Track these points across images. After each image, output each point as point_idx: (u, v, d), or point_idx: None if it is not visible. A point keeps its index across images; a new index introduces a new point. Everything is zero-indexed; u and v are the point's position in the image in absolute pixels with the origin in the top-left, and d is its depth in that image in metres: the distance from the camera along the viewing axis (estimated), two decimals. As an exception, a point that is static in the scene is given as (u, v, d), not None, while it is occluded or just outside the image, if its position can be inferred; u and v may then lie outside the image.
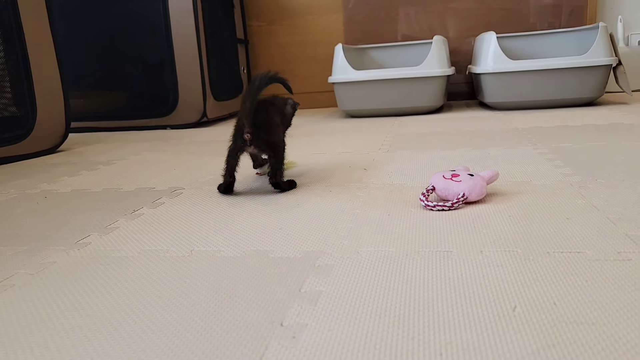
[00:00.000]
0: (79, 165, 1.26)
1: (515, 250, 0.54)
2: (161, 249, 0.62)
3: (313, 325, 0.42)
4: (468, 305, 0.43)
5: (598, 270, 0.48)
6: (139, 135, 1.81)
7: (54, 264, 0.60)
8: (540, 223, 0.62)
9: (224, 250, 0.60)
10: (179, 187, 0.94)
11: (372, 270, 0.52)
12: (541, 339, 0.38)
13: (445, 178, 0.72)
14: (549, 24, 2.14)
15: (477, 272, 0.50)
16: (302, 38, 2.37)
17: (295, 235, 0.64)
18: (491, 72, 1.77)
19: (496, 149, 1.11)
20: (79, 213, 0.81)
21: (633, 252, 0.52)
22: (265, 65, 2.42)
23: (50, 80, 1.49)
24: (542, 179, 0.83)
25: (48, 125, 1.48)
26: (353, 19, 2.30)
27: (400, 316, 0.42)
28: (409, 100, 1.85)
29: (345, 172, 0.97)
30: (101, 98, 2.01)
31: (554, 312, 0.41)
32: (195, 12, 1.84)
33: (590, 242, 0.55)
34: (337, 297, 0.46)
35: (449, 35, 2.21)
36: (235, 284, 0.51)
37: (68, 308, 0.48)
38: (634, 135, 1.17)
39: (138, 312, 0.46)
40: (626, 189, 0.74)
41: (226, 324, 0.43)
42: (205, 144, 1.49)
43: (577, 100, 1.75)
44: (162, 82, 1.91)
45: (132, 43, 1.92)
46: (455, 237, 0.59)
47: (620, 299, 0.43)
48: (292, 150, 1.27)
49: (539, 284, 0.46)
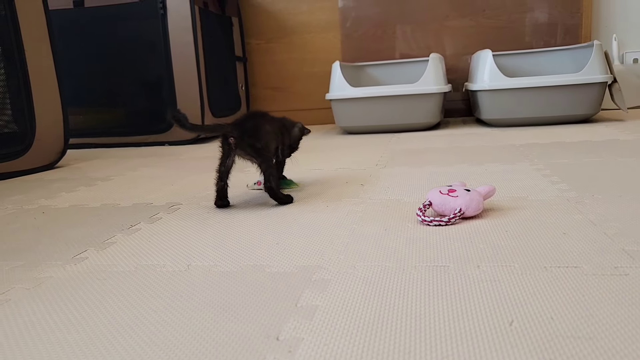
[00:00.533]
0: (77, 181, 1.27)
1: (513, 265, 0.54)
2: (158, 264, 0.62)
3: (309, 339, 0.41)
4: (465, 320, 0.43)
5: (595, 285, 0.48)
6: (137, 152, 1.81)
7: (51, 278, 0.60)
8: (537, 238, 0.62)
9: (221, 265, 0.60)
10: (176, 202, 0.94)
11: (369, 285, 0.51)
12: (538, 353, 0.37)
13: (442, 193, 0.73)
14: (544, 42, 2.17)
15: (474, 287, 0.50)
16: (300, 56, 2.39)
17: (291, 250, 0.64)
18: (487, 89, 1.79)
19: (493, 165, 1.12)
20: (76, 228, 0.81)
21: (630, 267, 0.52)
22: (263, 83, 2.44)
23: (50, 97, 1.50)
24: (539, 195, 0.83)
25: (47, 141, 1.49)
26: (350, 37, 2.33)
27: (397, 331, 0.42)
28: (405, 117, 1.86)
29: (343, 187, 0.98)
30: (100, 115, 2.02)
31: (551, 326, 0.41)
32: (194, 31, 1.86)
33: (587, 257, 0.55)
34: (333, 312, 0.46)
35: (446, 53, 2.23)
36: (232, 298, 0.51)
37: (64, 323, 0.48)
38: (630, 151, 1.18)
39: (134, 326, 0.46)
40: (623, 205, 0.74)
41: (222, 339, 0.43)
42: (202, 160, 1.49)
43: (573, 117, 1.77)
44: (161, 99, 1.92)
45: (131, 60, 1.94)
46: (452, 252, 0.60)
47: (617, 314, 0.43)
48: (289, 166, 1.27)
49: (536, 298, 0.46)
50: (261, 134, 0.85)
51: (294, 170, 1.19)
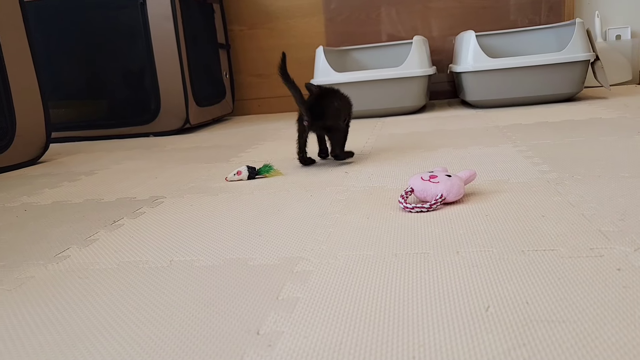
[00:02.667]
0: (60, 176, 1.25)
1: (491, 250, 0.55)
2: (140, 260, 0.62)
3: (289, 332, 0.42)
4: (442, 307, 0.44)
5: (570, 268, 0.49)
6: (121, 144, 1.80)
7: (32, 278, 0.59)
8: (516, 222, 0.63)
9: (203, 259, 0.60)
10: (160, 196, 0.94)
11: (350, 275, 0.52)
12: (512, 338, 0.38)
13: (424, 180, 0.73)
14: (529, 20, 2.17)
15: (453, 273, 0.50)
16: (284, 41, 2.37)
17: (274, 242, 0.64)
18: (471, 71, 1.79)
19: (476, 148, 1.12)
20: (59, 226, 0.81)
21: (605, 248, 0.53)
22: (248, 70, 2.42)
23: (29, 90, 1.48)
24: (520, 177, 0.84)
25: (28, 136, 1.47)
26: (334, 21, 2.31)
27: (376, 320, 0.43)
28: (391, 101, 1.86)
29: (326, 175, 0.98)
30: (82, 107, 2.00)
31: (526, 311, 0.42)
32: (175, 18, 1.84)
33: (564, 240, 0.56)
34: (314, 304, 0.46)
35: (432, 35, 2.22)
36: (213, 293, 0.51)
37: (45, 324, 0.48)
38: (612, 129, 1.19)
39: (115, 325, 0.46)
40: (601, 185, 0.75)
41: (203, 335, 0.43)
42: (188, 151, 1.48)
43: (556, 96, 1.77)
44: (144, 89, 1.90)
45: (111, 50, 1.91)
46: (432, 238, 0.60)
47: (591, 296, 0.43)
48: (273, 154, 1.27)
49: (512, 283, 0.47)
50: (329, 113, 1.02)
51: (278, 158, 1.19)
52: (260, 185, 0.95)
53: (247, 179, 0.99)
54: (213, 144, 1.60)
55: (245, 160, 1.22)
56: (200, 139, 1.75)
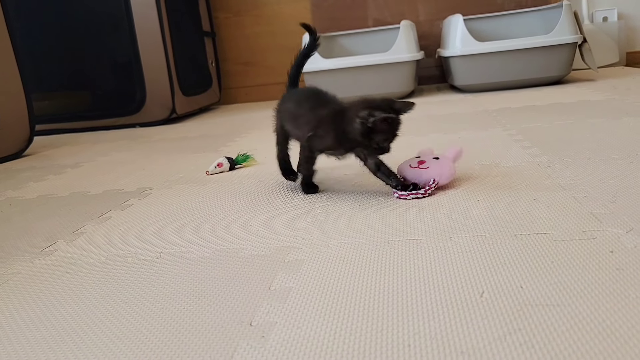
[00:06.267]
0: (45, 169, 1.23)
1: (484, 235, 0.55)
2: (129, 253, 0.61)
3: (282, 323, 0.41)
4: (436, 294, 0.43)
5: (563, 251, 0.49)
6: (107, 135, 1.77)
7: (19, 274, 0.58)
8: (507, 206, 0.63)
9: (194, 250, 0.59)
10: (147, 187, 0.93)
11: (342, 263, 0.51)
12: (507, 323, 0.38)
13: (412, 167, 0.72)
14: (516, 3, 2.16)
15: (446, 259, 0.50)
16: (270, 28, 2.34)
17: (266, 232, 0.63)
18: (459, 55, 1.78)
19: (466, 132, 1.12)
20: (45, 220, 0.79)
21: (597, 231, 0.53)
22: (234, 58, 2.38)
23: (11, 83, 1.44)
24: (511, 161, 0.84)
25: (11, 129, 1.44)
26: (320, 6, 2.28)
27: (369, 309, 0.42)
28: (379, 86, 1.84)
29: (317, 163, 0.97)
30: (66, 99, 1.96)
31: (520, 295, 0.42)
32: (158, 6, 1.80)
33: (556, 223, 0.56)
34: (306, 293, 0.46)
35: (419, 19, 2.20)
36: (205, 285, 0.50)
37: (32, 320, 0.47)
38: (600, 111, 1.19)
39: (105, 319, 0.45)
40: (592, 167, 0.75)
41: (195, 327, 0.42)
42: (175, 141, 1.46)
43: (545, 79, 1.77)
44: (129, 80, 1.87)
45: (94, 40, 1.87)
46: (425, 224, 0.60)
47: (584, 279, 0.43)
48: (261, 143, 1.26)
49: (506, 268, 0.47)
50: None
51: (267, 148, 1.18)
52: (249, 174, 0.94)
53: (229, 170, 0.98)
54: (200, 133, 1.58)
55: (233, 150, 1.21)
56: (187, 128, 1.73)
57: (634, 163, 0.75)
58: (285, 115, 0.80)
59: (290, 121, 0.79)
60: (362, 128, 0.66)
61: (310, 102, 0.76)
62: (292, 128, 0.79)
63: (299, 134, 0.77)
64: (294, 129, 0.79)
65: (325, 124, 0.71)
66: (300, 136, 0.76)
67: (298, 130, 0.77)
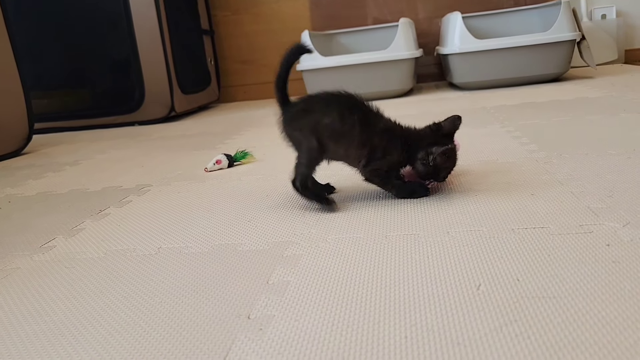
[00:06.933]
0: (44, 167, 1.23)
1: (481, 229, 0.55)
2: (128, 249, 0.61)
3: (280, 316, 0.42)
4: (433, 287, 0.44)
5: (560, 245, 0.49)
6: (106, 134, 1.77)
7: (18, 269, 0.58)
8: (505, 201, 0.63)
9: (192, 246, 0.60)
10: (146, 184, 0.93)
11: (340, 258, 0.52)
12: (504, 315, 0.38)
13: (412, 162, 0.72)
14: (514, 1, 2.16)
15: (444, 253, 0.50)
16: (269, 26, 2.34)
17: (263, 227, 0.63)
18: (458, 53, 1.78)
19: (465, 129, 1.11)
20: (44, 216, 0.79)
21: (594, 225, 0.53)
22: (233, 56, 2.38)
23: (10, 81, 1.44)
24: (509, 157, 0.84)
25: (10, 128, 1.44)
26: (319, 4, 2.28)
27: (367, 302, 0.42)
28: (378, 84, 1.85)
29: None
30: (65, 97, 1.96)
31: (517, 288, 0.42)
32: (157, 4, 1.80)
33: (553, 217, 0.56)
34: (304, 287, 0.46)
35: (418, 17, 2.20)
36: (203, 279, 0.50)
37: (32, 314, 0.47)
38: (598, 108, 1.19)
39: (103, 314, 0.45)
40: (589, 163, 0.75)
41: (193, 321, 0.42)
42: (173, 139, 1.47)
43: (543, 77, 1.78)
44: (127, 78, 1.87)
45: (94, 38, 1.87)
46: (422, 219, 0.60)
47: (581, 272, 0.43)
48: (259, 141, 1.26)
49: (503, 261, 0.47)
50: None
51: (265, 145, 1.18)
52: (247, 171, 0.94)
53: (228, 167, 0.98)
54: (199, 131, 1.58)
55: (232, 148, 1.21)
56: (186, 126, 1.73)
57: (631, 159, 0.75)
58: (325, 131, 0.66)
59: (333, 139, 0.66)
60: (425, 169, 0.65)
61: (359, 117, 0.66)
62: (335, 148, 0.67)
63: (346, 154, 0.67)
64: (338, 149, 0.67)
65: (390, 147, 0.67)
66: (352, 158, 0.67)
67: (346, 150, 0.67)
